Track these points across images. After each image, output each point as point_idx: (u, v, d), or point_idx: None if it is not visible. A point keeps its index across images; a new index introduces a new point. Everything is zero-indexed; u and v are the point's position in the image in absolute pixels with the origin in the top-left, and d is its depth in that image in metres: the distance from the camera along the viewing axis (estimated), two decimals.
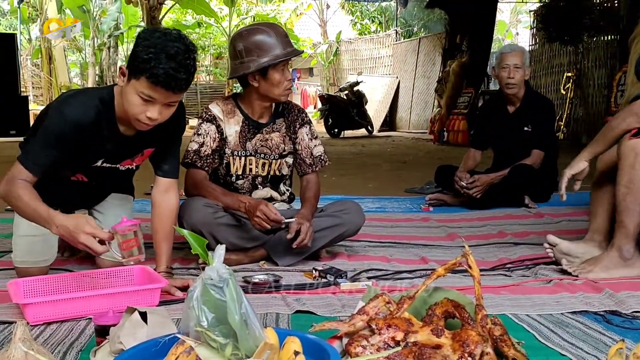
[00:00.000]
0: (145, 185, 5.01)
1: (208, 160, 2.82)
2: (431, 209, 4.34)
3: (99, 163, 2.45)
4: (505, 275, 2.62)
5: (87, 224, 2.04)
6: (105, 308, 1.92)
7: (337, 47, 20.58)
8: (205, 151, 2.81)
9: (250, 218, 2.67)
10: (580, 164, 2.59)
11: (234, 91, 3.35)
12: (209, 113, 2.86)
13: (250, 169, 2.89)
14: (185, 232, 1.47)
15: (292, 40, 2.91)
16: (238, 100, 2.91)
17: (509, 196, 4.26)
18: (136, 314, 1.64)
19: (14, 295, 2.10)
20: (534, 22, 11.79)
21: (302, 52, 2.95)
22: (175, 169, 2.52)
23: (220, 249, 1.39)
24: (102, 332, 1.72)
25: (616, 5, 8.91)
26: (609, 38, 9.41)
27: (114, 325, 1.67)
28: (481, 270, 2.58)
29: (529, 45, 12.24)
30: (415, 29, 17.92)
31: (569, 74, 10.59)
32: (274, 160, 2.91)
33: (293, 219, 2.69)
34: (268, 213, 2.60)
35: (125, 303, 1.90)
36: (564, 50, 10.86)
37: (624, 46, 6.30)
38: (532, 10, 12.60)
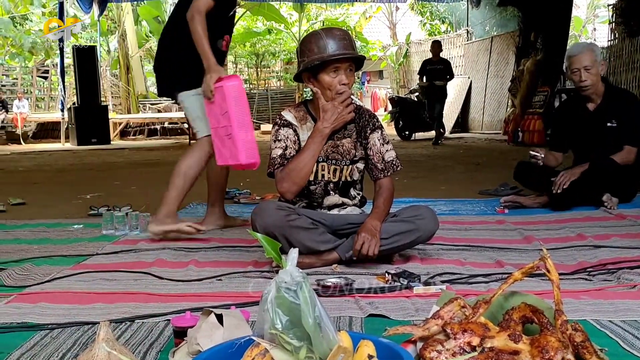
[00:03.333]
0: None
1: None
2: (506, 211, 4.24)
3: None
4: (586, 279, 2.53)
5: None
6: None
7: (407, 49, 20.43)
8: (290, 153, 2.83)
9: (337, 114, 2.75)
10: None
11: (305, 96, 3.38)
12: (284, 119, 2.88)
13: (323, 175, 2.88)
14: (259, 235, 1.49)
15: (361, 43, 2.90)
16: (309, 106, 2.92)
17: (590, 192, 4.11)
18: (212, 316, 1.67)
19: None
20: (612, 16, 11.36)
21: (355, 55, 2.75)
22: None
23: (294, 253, 1.41)
24: (180, 333, 1.76)
25: None
26: None
27: (192, 327, 1.71)
28: (560, 274, 2.51)
29: (608, 41, 11.80)
30: (487, 28, 17.59)
31: None
32: (345, 167, 2.90)
33: None
34: (345, 98, 2.73)
35: None
36: None
37: None
38: (610, 4, 12.15)
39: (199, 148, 3.53)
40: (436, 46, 12.25)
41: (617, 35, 11.47)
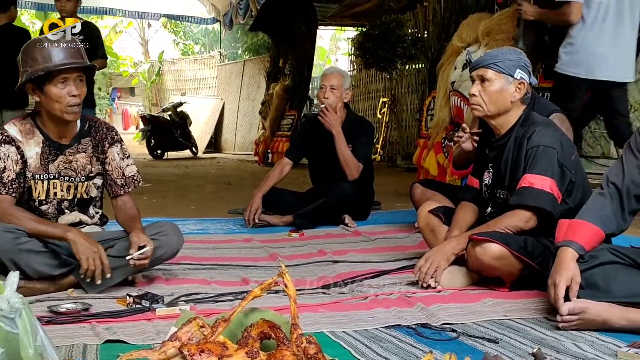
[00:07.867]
0: None
1: (14, 185, 2.58)
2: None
3: None
4: (325, 293, 2.65)
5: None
6: None
7: (160, 67, 20.13)
8: (8, 176, 2.56)
9: (78, 258, 2.47)
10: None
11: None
12: (6, 134, 2.61)
13: (55, 193, 2.68)
14: None
15: (111, 58, 2.74)
16: (36, 119, 2.68)
17: (329, 213, 4.39)
18: None
19: None
20: (352, 49, 12.32)
21: (84, 64, 2.60)
22: None
23: (13, 277, 1.27)
24: None
25: (426, 35, 9.55)
26: (420, 66, 10.04)
27: None
28: (301, 289, 2.61)
29: (348, 71, 12.78)
30: (239, 52, 18.04)
31: (384, 99, 11.18)
32: (80, 183, 2.72)
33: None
34: (105, 263, 2.48)
35: None
36: (380, 77, 11.44)
37: (433, 73, 6.77)
38: (350, 38, 13.18)
39: None
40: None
41: (355, 67, 12.49)
